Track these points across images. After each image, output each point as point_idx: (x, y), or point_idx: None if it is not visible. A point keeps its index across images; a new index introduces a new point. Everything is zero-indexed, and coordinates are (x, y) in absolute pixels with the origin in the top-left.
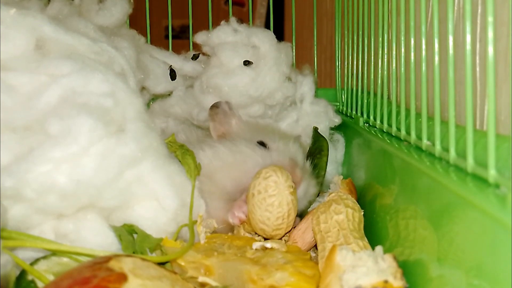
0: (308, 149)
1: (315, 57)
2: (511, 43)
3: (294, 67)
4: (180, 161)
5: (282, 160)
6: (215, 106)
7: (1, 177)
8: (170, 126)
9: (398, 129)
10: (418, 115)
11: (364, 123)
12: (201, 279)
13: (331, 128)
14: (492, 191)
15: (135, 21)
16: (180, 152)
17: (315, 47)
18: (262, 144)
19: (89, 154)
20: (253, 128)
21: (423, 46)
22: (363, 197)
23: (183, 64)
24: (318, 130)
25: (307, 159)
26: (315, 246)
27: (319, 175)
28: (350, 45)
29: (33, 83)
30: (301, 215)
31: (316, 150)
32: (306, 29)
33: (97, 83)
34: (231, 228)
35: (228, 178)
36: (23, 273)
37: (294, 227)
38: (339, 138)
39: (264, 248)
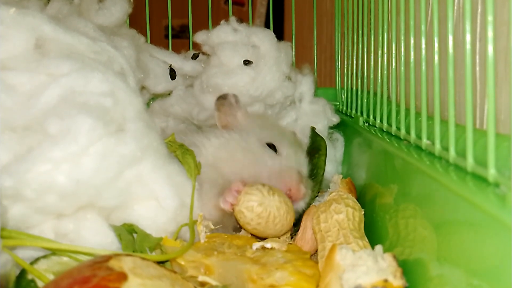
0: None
1: (315, 56)
2: (511, 42)
3: (294, 66)
4: (180, 161)
5: (290, 171)
6: (222, 97)
7: (1, 177)
8: (170, 125)
9: (398, 128)
10: (418, 114)
11: (364, 122)
12: (201, 278)
13: (331, 127)
14: (491, 190)
15: (135, 21)
16: (180, 151)
17: (315, 46)
18: (271, 146)
19: (89, 153)
20: (260, 125)
21: (423, 46)
22: (362, 197)
23: (183, 63)
24: (316, 130)
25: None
26: None
27: (317, 175)
28: (350, 44)
29: (32, 82)
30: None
31: (314, 150)
32: (306, 29)
33: (96, 83)
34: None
35: (233, 171)
36: (23, 272)
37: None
38: (339, 137)
39: (264, 248)
